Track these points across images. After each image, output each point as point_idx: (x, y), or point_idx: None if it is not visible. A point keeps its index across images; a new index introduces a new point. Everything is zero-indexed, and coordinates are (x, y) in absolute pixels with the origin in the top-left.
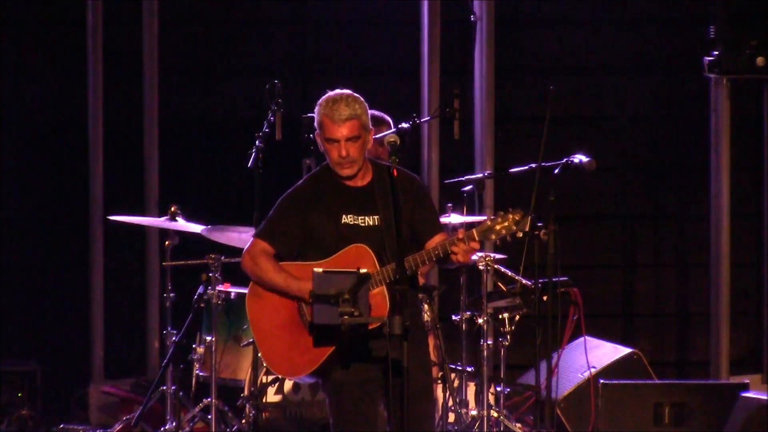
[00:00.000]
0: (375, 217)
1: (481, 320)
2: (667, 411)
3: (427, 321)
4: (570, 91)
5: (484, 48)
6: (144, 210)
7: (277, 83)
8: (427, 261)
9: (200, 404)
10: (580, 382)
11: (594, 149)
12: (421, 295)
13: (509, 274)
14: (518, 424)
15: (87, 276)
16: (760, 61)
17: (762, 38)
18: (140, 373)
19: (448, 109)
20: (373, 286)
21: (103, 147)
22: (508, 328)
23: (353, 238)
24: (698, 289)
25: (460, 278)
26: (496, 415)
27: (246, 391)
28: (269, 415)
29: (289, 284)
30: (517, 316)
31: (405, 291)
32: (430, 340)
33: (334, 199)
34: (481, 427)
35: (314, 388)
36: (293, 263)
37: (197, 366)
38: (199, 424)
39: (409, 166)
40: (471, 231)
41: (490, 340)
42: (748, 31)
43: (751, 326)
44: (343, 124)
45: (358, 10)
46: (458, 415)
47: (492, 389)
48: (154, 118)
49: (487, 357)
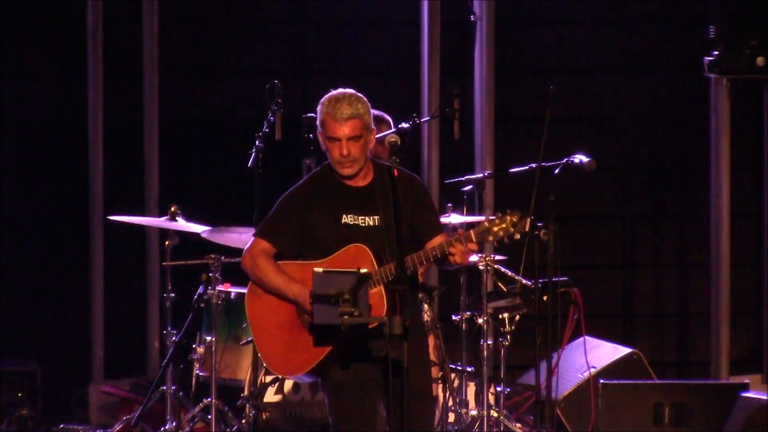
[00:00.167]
0: (375, 217)
1: (481, 320)
2: (667, 411)
3: (427, 321)
4: (570, 91)
5: (484, 48)
6: (144, 210)
7: (277, 83)
8: (425, 261)
9: (200, 404)
10: (580, 382)
11: (594, 149)
12: (421, 295)
13: (509, 275)
14: (518, 424)
15: (87, 276)
16: (760, 61)
17: (762, 38)
18: (140, 373)
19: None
20: (371, 286)
21: (103, 147)
22: (508, 328)
23: (353, 238)
24: (698, 289)
25: (460, 278)
26: (496, 415)
27: (246, 391)
28: (269, 415)
29: (289, 287)
30: (517, 316)
31: (405, 291)
32: (430, 340)
33: (335, 199)
34: (481, 427)
35: (314, 388)
36: (293, 263)
37: (197, 366)
38: (199, 424)
39: (409, 166)
40: (468, 232)
41: (490, 340)
42: (748, 31)
43: (751, 326)
44: (345, 123)
45: (358, 10)
46: (458, 415)
47: (492, 389)
48: (154, 118)
49: (487, 357)
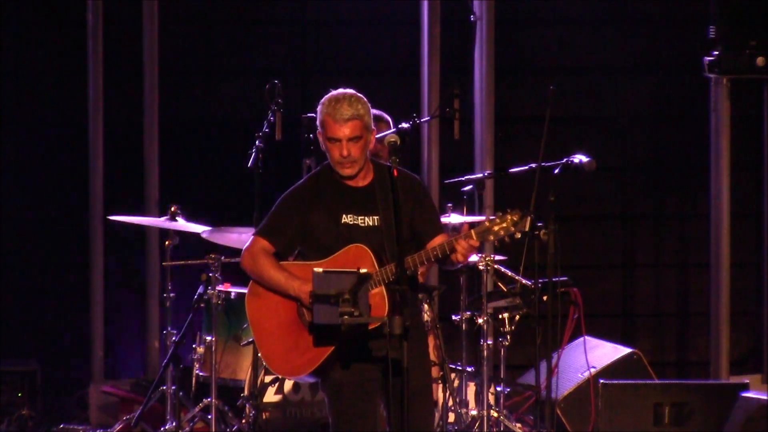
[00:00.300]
0: (375, 217)
1: (481, 320)
2: (667, 411)
3: (427, 321)
4: (570, 91)
5: (484, 48)
6: (144, 210)
7: (277, 83)
8: (426, 261)
9: (200, 404)
10: (580, 382)
11: (594, 149)
12: (421, 295)
13: (509, 274)
14: (518, 424)
15: (87, 276)
16: (760, 61)
17: (762, 38)
18: (140, 373)
19: (448, 109)
20: (372, 287)
21: (103, 147)
22: (508, 328)
23: (353, 238)
24: (698, 289)
25: (460, 278)
26: (496, 415)
27: (246, 391)
28: (269, 415)
29: (290, 283)
30: (517, 316)
31: (405, 291)
32: (430, 340)
33: (335, 199)
34: (481, 427)
35: (314, 388)
36: (293, 263)
37: (197, 366)
38: (199, 424)
39: (409, 166)
40: (469, 232)
41: (490, 340)
42: (748, 31)
43: (751, 326)
44: (345, 124)
45: (358, 10)
46: (458, 415)
47: (492, 389)
48: (154, 118)
49: (487, 357)
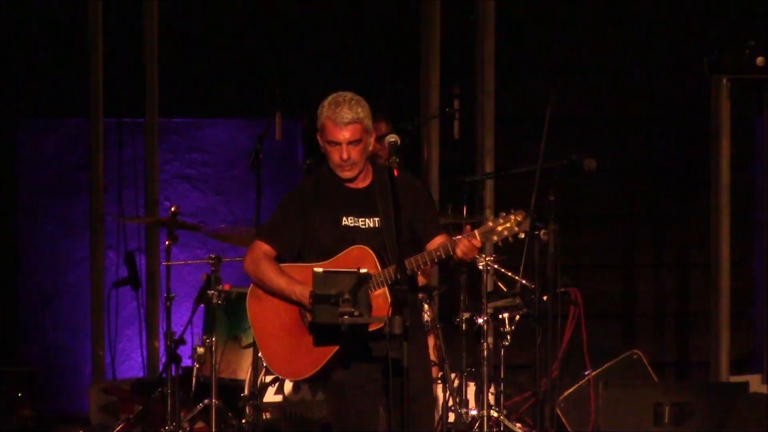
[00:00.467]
0: (375, 218)
1: (481, 320)
2: (667, 411)
3: (427, 321)
4: (570, 91)
5: (484, 48)
6: (144, 210)
7: (277, 83)
8: (429, 262)
9: (200, 404)
10: (580, 382)
11: (594, 149)
12: (421, 295)
13: (509, 275)
14: (518, 424)
15: (87, 276)
16: (760, 61)
17: (762, 38)
18: (140, 373)
19: (448, 109)
20: (375, 288)
21: (104, 147)
22: (508, 328)
23: (353, 240)
24: (698, 289)
25: (460, 278)
26: (496, 415)
27: (246, 391)
28: (269, 415)
29: (292, 288)
30: (517, 316)
31: (405, 291)
32: (430, 340)
33: (335, 201)
34: (481, 427)
35: (314, 388)
36: (294, 265)
37: (197, 366)
38: (199, 424)
39: (409, 166)
40: (473, 232)
41: (490, 340)
42: (748, 31)
43: (751, 326)
44: (345, 128)
45: (358, 10)
46: (458, 415)
47: (492, 389)
48: (155, 118)
49: (487, 357)
